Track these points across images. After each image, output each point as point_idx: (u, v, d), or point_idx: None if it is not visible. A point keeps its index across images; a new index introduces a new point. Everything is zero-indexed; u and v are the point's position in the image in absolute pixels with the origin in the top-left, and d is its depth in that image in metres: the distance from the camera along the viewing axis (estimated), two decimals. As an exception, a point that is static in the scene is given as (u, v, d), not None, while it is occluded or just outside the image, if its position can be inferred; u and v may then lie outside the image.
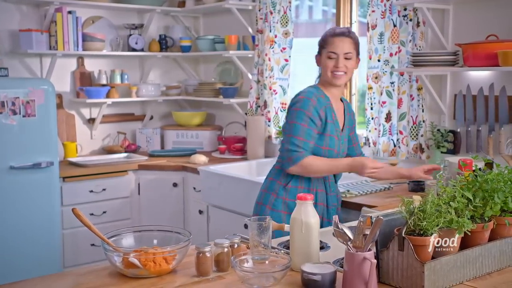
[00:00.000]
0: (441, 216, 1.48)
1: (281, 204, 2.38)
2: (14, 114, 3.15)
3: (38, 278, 1.62)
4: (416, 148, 3.11)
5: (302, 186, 2.36)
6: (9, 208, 3.14)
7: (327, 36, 2.39)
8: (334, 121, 2.38)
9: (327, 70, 2.36)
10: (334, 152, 2.37)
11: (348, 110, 2.52)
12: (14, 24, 3.85)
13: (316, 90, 2.39)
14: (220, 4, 4.04)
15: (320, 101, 2.34)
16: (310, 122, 2.30)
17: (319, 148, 2.33)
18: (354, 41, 2.38)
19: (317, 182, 2.38)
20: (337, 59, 2.34)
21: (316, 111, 2.31)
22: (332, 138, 2.35)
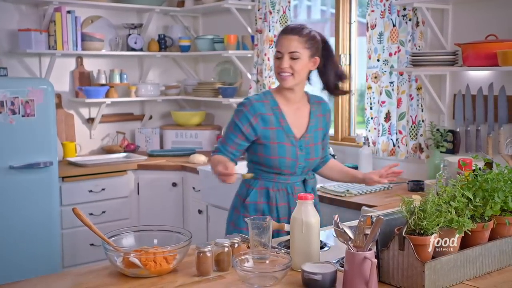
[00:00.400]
0: (442, 215, 1.48)
1: (242, 222, 2.14)
2: (13, 114, 3.14)
3: (38, 278, 1.62)
4: (415, 147, 3.12)
5: (262, 201, 2.18)
6: (8, 208, 3.14)
7: (279, 34, 2.19)
8: (283, 127, 2.15)
9: (275, 71, 2.17)
10: (288, 160, 2.14)
11: (319, 112, 2.27)
12: (13, 24, 3.84)
13: (261, 95, 2.20)
14: (219, 4, 4.04)
15: (256, 107, 2.13)
16: (235, 127, 2.15)
17: (268, 158, 2.14)
18: (304, 39, 2.11)
19: (278, 195, 2.17)
20: (281, 59, 2.11)
21: (246, 117, 2.12)
22: (282, 146, 2.14)
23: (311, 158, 2.21)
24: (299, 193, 1.68)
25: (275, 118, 2.15)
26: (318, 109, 2.28)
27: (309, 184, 2.24)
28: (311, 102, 2.27)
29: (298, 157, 2.16)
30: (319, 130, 2.26)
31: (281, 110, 2.18)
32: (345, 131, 3.70)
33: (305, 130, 2.20)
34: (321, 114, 2.28)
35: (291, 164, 2.15)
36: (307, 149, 2.19)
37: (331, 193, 2.83)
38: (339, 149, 3.61)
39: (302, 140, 2.18)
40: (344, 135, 3.69)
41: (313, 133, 2.23)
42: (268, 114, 2.15)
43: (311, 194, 1.65)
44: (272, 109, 2.16)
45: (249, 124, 2.13)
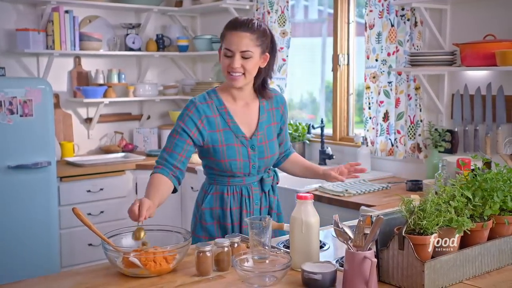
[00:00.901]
0: (441, 215, 1.48)
1: (200, 229, 2.09)
2: (11, 114, 3.14)
3: (38, 278, 1.62)
4: (413, 147, 3.12)
5: (216, 206, 2.06)
6: (6, 208, 3.13)
7: (225, 28, 1.99)
8: (230, 127, 2.02)
9: (223, 69, 1.99)
10: (240, 161, 2.01)
11: (271, 105, 2.11)
12: (11, 24, 3.84)
13: (204, 95, 2.04)
14: (217, 4, 4.04)
15: (201, 110, 1.99)
16: (181, 133, 1.97)
17: (219, 162, 2.00)
18: (255, 36, 1.95)
19: (232, 199, 2.05)
20: (232, 58, 1.94)
21: (192, 121, 1.98)
22: (232, 148, 2.00)
23: (266, 156, 2.06)
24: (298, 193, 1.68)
25: (222, 119, 2.01)
26: (269, 103, 2.11)
27: (266, 182, 2.09)
28: (260, 97, 2.10)
29: (251, 157, 2.03)
30: (272, 125, 2.11)
31: (227, 110, 2.03)
32: (344, 131, 3.70)
33: (256, 128, 2.06)
34: (273, 107, 2.12)
35: (243, 166, 2.02)
36: (260, 147, 2.05)
37: (330, 193, 2.84)
38: (338, 149, 3.61)
39: (254, 138, 2.04)
40: (342, 135, 3.70)
41: (265, 130, 2.08)
42: (214, 116, 2.00)
43: (311, 194, 1.65)
44: (217, 109, 2.02)
45: (196, 128, 1.98)
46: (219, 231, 2.06)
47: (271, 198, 2.14)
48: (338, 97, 3.67)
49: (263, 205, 2.10)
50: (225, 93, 2.06)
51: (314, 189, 2.93)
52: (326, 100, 4.00)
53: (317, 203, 2.79)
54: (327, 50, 3.91)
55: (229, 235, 1.75)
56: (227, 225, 2.06)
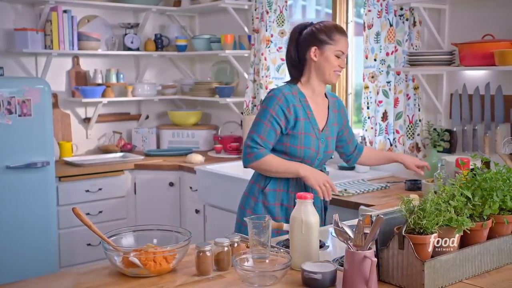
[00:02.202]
0: (441, 214, 1.49)
1: (261, 208, 2.27)
2: (10, 114, 3.13)
3: (37, 278, 1.62)
4: (412, 147, 3.13)
5: (281, 188, 2.26)
6: (5, 208, 3.13)
7: (333, 32, 2.22)
8: (309, 118, 2.24)
9: (329, 68, 2.22)
10: (312, 151, 2.22)
11: (335, 107, 2.37)
12: (9, 23, 3.83)
13: (288, 87, 2.26)
14: (216, 4, 4.04)
15: (289, 99, 2.20)
16: (273, 122, 2.18)
17: (295, 148, 2.21)
18: None
19: (297, 185, 2.25)
20: (341, 58, 2.24)
21: (282, 110, 2.19)
22: (308, 137, 2.22)
23: (329, 151, 2.31)
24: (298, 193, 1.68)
25: (303, 110, 2.23)
26: (334, 105, 2.37)
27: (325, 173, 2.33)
28: (328, 98, 2.36)
29: (320, 149, 2.25)
30: (335, 125, 2.35)
31: (308, 102, 2.26)
32: (342, 131, 3.70)
33: (325, 123, 2.30)
34: (336, 110, 2.37)
35: (313, 155, 2.23)
36: (327, 142, 2.28)
37: (329, 193, 2.83)
38: (336, 149, 3.61)
39: (323, 133, 2.28)
40: (341, 135, 3.70)
41: (331, 127, 2.32)
42: (298, 106, 2.22)
43: (310, 194, 1.65)
44: (300, 100, 2.24)
45: (285, 116, 2.19)
46: (281, 212, 2.26)
47: None
48: (336, 97, 3.67)
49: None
50: (306, 88, 2.28)
51: (313, 189, 2.93)
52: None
53: (316, 203, 2.80)
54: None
55: (229, 235, 1.75)
56: (289, 207, 2.22)
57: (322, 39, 2.22)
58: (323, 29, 2.23)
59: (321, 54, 2.22)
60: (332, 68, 2.22)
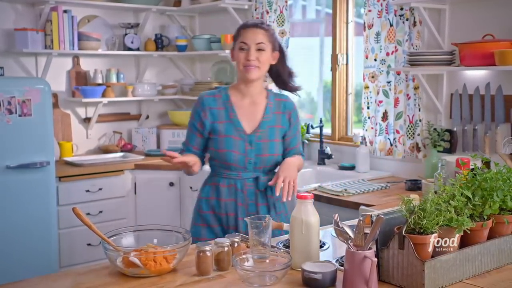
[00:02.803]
0: (441, 214, 1.49)
1: (198, 217, 2.24)
2: (10, 114, 3.13)
3: (38, 277, 1.62)
4: (412, 147, 3.13)
5: (213, 196, 2.20)
6: (5, 208, 3.13)
7: (239, 28, 2.19)
8: (232, 120, 2.16)
9: (239, 64, 2.15)
10: (236, 154, 2.13)
11: (278, 109, 2.23)
12: (9, 23, 3.83)
13: (215, 91, 2.24)
14: (216, 4, 4.04)
15: (206, 102, 2.17)
16: (192, 127, 2.22)
17: (217, 151, 2.16)
18: (267, 33, 2.17)
19: (228, 191, 2.17)
20: (248, 51, 2.12)
21: (198, 114, 2.18)
22: (230, 139, 2.14)
23: (263, 154, 2.17)
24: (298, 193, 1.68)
25: (225, 112, 2.17)
26: (277, 106, 2.24)
27: (261, 181, 2.17)
28: (270, 99, 2.24)
29: (247, 152, 2.15)
30: (276, 127, 2.21)
31: (232, 104, 2.19)
32: (342, 131, 3.71)
33: (258, 125, 2.18)
34: (280, 111, 2.24)
35: (239, 158, 2.14)
36: (259, 144, 2.16)
37: (329, 193, 2.84)
38: (336, 149, 3.61)
39: (253, 135, 2.17)
40: (341, 135, 3.70)
41: (268, 129, 2.19)
42: (218, 108, 2.17)
43: (311, 194, 1.65)
44: (223, 103, 2.19)
45: (200, 120, 2.18)
46: (215, 220, 2.20)
47: (269, 198, 2.20)
48: (337, 97, 3.67)
49: (260, 202, 2.19)
50: (234, 90, 2.22)
51: (313, 189, 2.93)
52: (324, 100, 4.01)
53: (316, 203, 2.77)
54: (325, 50, 3.91)
55: (229, 235, 1.75)
56: (221, 215, 2.18)
57: (234, 38, 2.22)
58: (236, 29, 2.22)
59: (233, 54, 2.19)
60: (240, 63, 2.14)
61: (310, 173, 3.53)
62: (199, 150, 2.22)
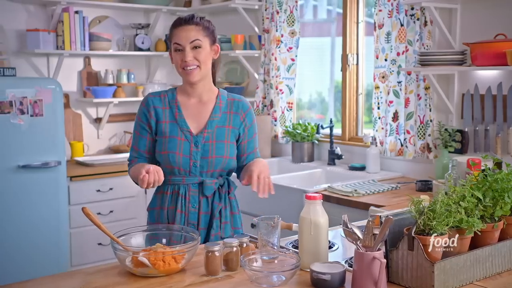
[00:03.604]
0: (451, 215, 1.47)
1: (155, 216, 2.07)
2: (22, 114, 3.16)
3: (48, 277, 1.63)
4: (423, 147, 3.11)
5: (157, 206, 2.04)
6: (17, 207, 3.16)
7: (171, 28, 2.03)
8: (177, 120, 2.00)
9: (177, 66, 2.00)
10: (179, 156, 1.96)
11: (231, 109, 2.05)
12: (21, 24, 3.86)
13: (161, 91, 2.08)
14: (226, 4, 4.04)
15: (151, 102, 2.02)
16: (140, 129, 2.04)
17: (160, 153, 2.00)
18: (200, 27, 1.98)
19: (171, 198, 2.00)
20: (183, 51, 1.96)
21: (144, 114, 2.03)
22: (174, 140, 1.97)
23: (210, 156, 1.98)
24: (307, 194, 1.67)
25: (170, 112, 2.02)
26: (229, 106, 2.06)
27: (207, 185, 1.98)
28: (221, 98, 2.06)
29: (192, 153, 1.97)
30: (226, 127, 2.03)
31: (178, 104, 2.03)
32: (353, 131, 3.69)
33: (204, 125, 2.01)
34: (232, 111, 2.05)
35: (183, 161, 1.97)
36: (205, 145, 1.99)
37: (339, 193, 2.83)
38: (347, 149, 3.60)
39: (200, 135, 1.99)
40: (351, 135, 3.69)
41: (215, 129, 2.01)
42: (163, 108, 2.02)
43: (320, 194, 1.65)
44: (169, 102, 2.03)
45: (147, 120, 2.02)
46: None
47: (215, 204, 2.01)
48: (347, 97, 3.66)
49: (203, 210, 1.99)
50: (181, 90, 2.06)
51: (323, 189, 2.93)
52: (335, 100, 3.99)
53: (326, 203, 2.77)
54: (336, 50, 3.90)
55: (237, 235, 1.74)
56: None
57: (168, 39, 2.06)
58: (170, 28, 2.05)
59: (171, 56, 2.04)
60: (178, 65, 1.98)
61: (320, 174, 3.52)
62: (151, 154, 2.04)
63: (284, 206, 2.95)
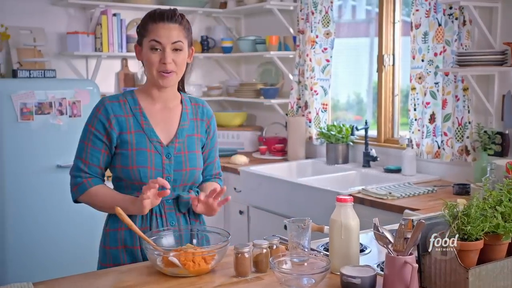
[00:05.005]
0: (487, 220, 1.43)
1: (104, 255, 1.84)
2: (61, 114, 3.24)
3: (82, 274, 1.66)
4: (461, 150, 3.03)
5: (122, 227, 1.77)
6: (55, 206, 3.23)
7: (147, 22, 1.78)
8: (144, 130, 1.79)
9: (151, 67, 1.76)
10: (152, 170, 1.76)
11: (196, 115, 1.90)
12: (62, 27, 3.96)
13: (118, 94, 1.85)
14: (261, 5, 4.04)
15: (110, 109, 1.78)
16: (94, 139, 1.78)
17: (127, 169, 1.76)
18: (183, 27, 1.80)
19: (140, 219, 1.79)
20: (162, 52, 1.75)
21: (101, 123, 1.77)
22: (142, 153, 1.76)
23: (184, 169, 1.81)
24: (338, 196, 1.65)
25: (135, 120, 1.79)
26: (195, 112, 1.90)
27: (183, 200, 1.81)
28: (186, 103, 1.90)
29: (165, 167, 1.78)
30: (195, 136, 1.88)
31: (142, 110, 1.81)
32: (388, 133, 3.63)
33: (174, 134, 1.83)
34: (198, 118, 1.90)
35: (155, 175, 1.75)
36: (178, 157, 1.81)
37: (373, 196, 2.79)
38: (382, 151, 3.55)
39: (171, 146, 1.81)
40: (387, 137, 3.63)
41: (186, 139, 1.85)
42: (126, 116, 1.78)
43: (351, 197, 1.62)
44: (131, 109, 1.80)
45: (106, 131, 1.77)
46: (126, 256, 1.79)
47: (192, 221, 1.87)
48: (383, 98, 3.61)
49: (183, 227, 1.81)
50: (143, 94, 1.84)
51: (357, 191, 2.89)
52: (374, 101, 3.94)
53: (360, 206, 2.76)
54: (375, 51, 3.85)
55: (267, 237, 1.74)
56: (134, 249, 1.79)
57: (139, 32, 1.82)
58: (142, 20, 1.82)
59: (140, 52, 1.81)
60: (154, 67, 1.76)
61: (354, 176, 3.48)
62: (104, 170, 1.84)
63: (316, 208, 2.93)
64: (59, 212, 3.25)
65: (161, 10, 1.82)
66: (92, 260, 3.29)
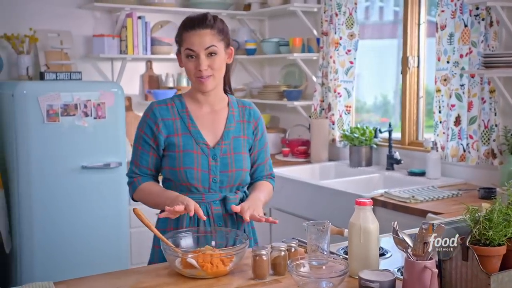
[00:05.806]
0: (510, 226, 1.40)
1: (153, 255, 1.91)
2: (86, 116, 3.29)
3: (102, 274, 1.68)
4: (487, 153, 2.97)
5: (171, 227, 1.84)
6: (81, 206, 3.29)
7: (181, 29, 1.84)
8: (191, 132, 1.84)
9: (190, 74, 1.84)
10: (198, 171, 1.81)
11: (243, 117, 1.94)
12: (88, 30, 4.02)
13: (167, 98, 1.91)
14: (285, 7, 4.04)
15: (158, 113, 1.85)
16: (143, 143, 1.87)
17: (174, 170, 1.82)
18: (215, 30, 1.82)
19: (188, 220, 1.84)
20: (197, 59, 1.80)
21: (150, 127, 1.85)
22: (189, 154, 1.81)
23: (230, 170, 1.85)
24: (357, 199, 1.64)
25: (182, 123, 1.85)
26: (241, 114, 1.94)
27: (231, 201, 1.84)
28: (233, 106, 1.94)
29: (211, 168, 1.83)
30: (242, 138, 1.91)
31: (189, 113, 1.87)
32: (413, 135, 3.59)
33: (221, 136, 1.87)
34: (245, 120, 1.93)
35: (201, 177, 1.81)
36: (224, 159, 1.85)
37: (396, 199, 2.75)
38: (406, 154, 3.50)
39: (217, 148, 1.85)
40: (411, 139, 3.58)
41: (232, 141, 1.88)
42: (173, 119, 1.85)
43: (370, 200, 1.61)
44: (178, 112, 1.87)
45: (153, 135, 1.84)
46: None
47: (240, 222, 1.88)
48: (407, 100, 3.56)
49: (230, 228, 1.84)
50: (190, 98, 1.91)
51: (380, 195, 2.86)
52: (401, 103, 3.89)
53: (382, 209, 2.73)
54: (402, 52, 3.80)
55: (286, 239, 1.73)
56: None
57: (177, 41, 1.88)
58: (178, 29, 1.87)
59: (181, 59, 1.87)
60: (191, 73, 1.83)
61: (377, 179, 3.45)
62: (154, 171, 1.90)
63: (339, 211, 2.91)
64: (85, 212, 3.30)
65: (192, 17, 1.86)
66: (117, 260, 3.36)
